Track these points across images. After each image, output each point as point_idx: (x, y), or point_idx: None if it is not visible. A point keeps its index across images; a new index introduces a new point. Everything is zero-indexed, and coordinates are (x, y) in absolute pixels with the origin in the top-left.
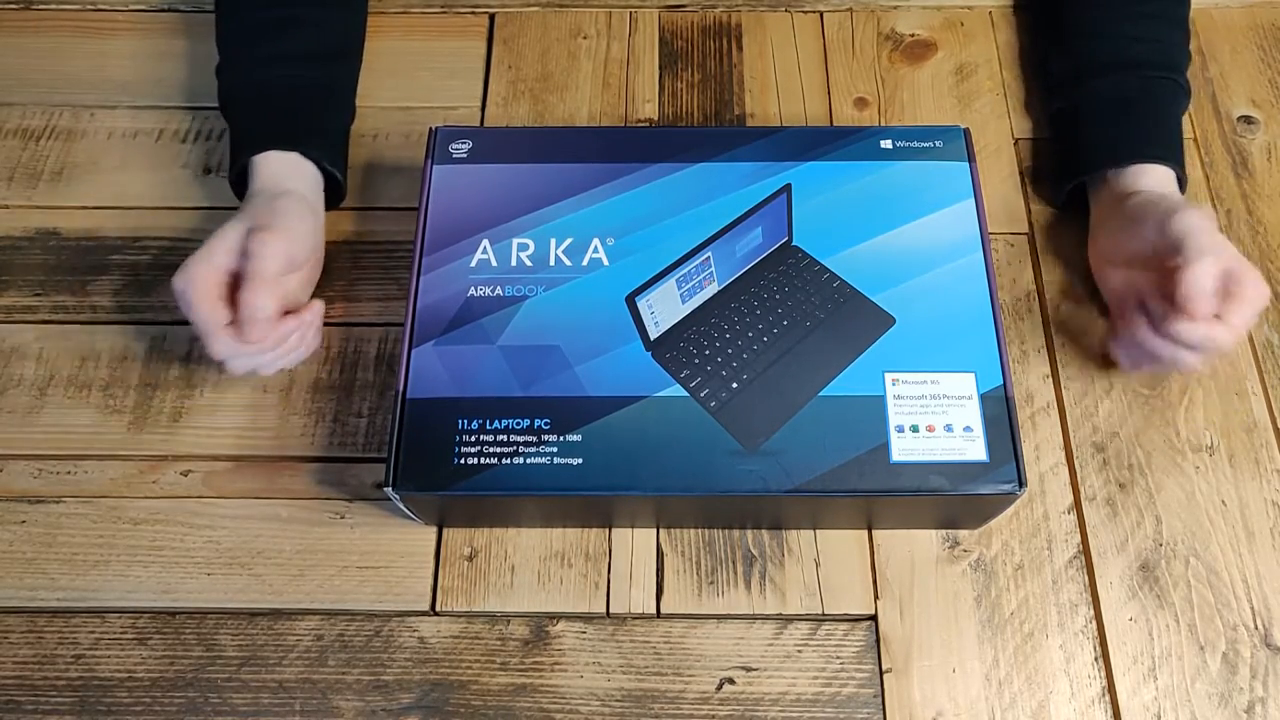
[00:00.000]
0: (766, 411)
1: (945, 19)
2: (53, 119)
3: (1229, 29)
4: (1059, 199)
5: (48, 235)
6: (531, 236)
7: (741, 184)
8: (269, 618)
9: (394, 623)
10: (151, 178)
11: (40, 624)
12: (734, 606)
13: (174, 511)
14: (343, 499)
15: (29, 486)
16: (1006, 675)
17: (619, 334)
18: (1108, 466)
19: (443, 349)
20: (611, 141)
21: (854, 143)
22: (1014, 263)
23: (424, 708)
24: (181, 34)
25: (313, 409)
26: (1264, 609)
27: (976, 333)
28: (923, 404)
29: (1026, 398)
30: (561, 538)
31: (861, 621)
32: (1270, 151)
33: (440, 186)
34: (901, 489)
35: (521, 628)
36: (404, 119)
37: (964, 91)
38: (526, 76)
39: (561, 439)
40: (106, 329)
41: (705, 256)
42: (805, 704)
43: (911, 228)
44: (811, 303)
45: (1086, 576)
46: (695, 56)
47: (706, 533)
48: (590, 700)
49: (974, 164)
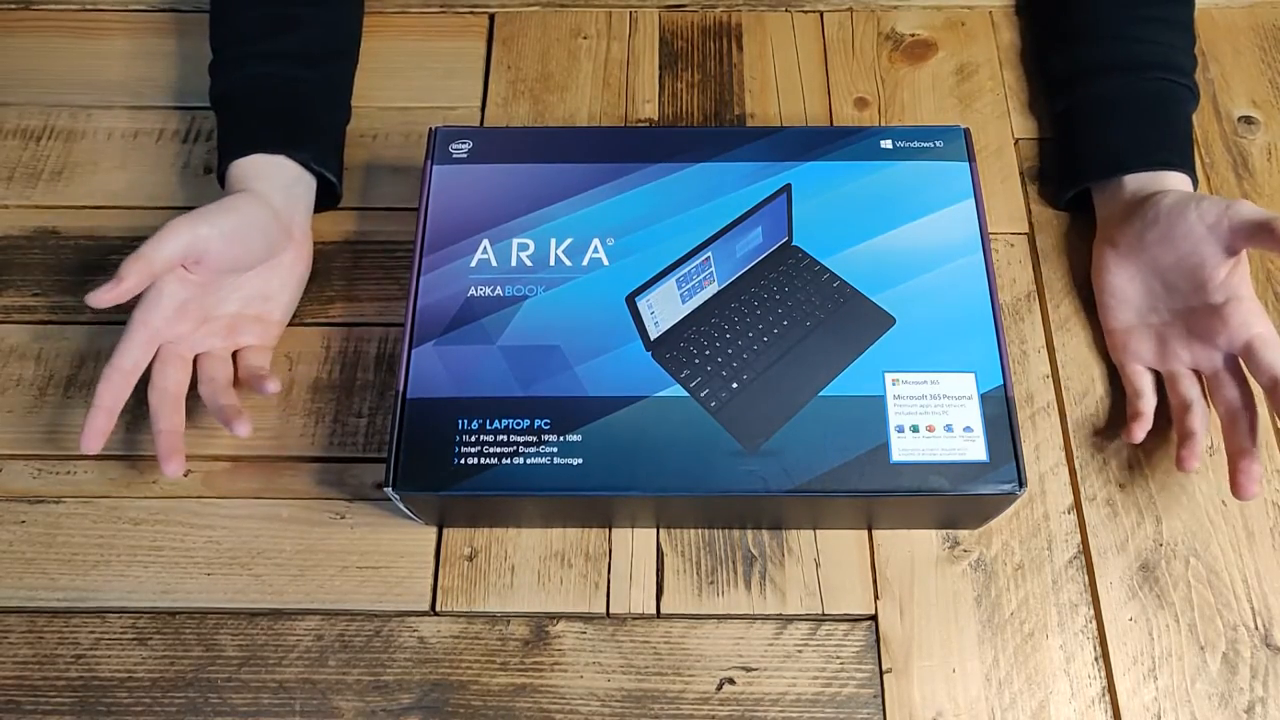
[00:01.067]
0: (766, 412)
1: (946, 19)
2: (51, 119)
3: (1229, 29)
4: (1061, 201)
5: (47, 235)
6: (531, 236)
7: (741, 184)
8: (269, 618)
9: (394, 623)
10: (151, 178)
11: (40, 624)
12: (734, 606)
13: (174, 511)
14: (343, 499)
15: (29, 486)
16: (1006, 675)
17: (619, 334)
18: (1108, 466)
19: (443, 349)
20: (612, 141)
21: (854, 143)
22: (1014, 263)
23: (424, 708)
24: (181, 34)
25: (313, 409)
26: (1264, 609)
27: (976, 333)
28: (923, 404)
29: (1026, 398)
30: (561, 538)
31: (861, 621)
32: (1270, 152)
33: (440, 186)
34: (901, 489)
35: (521, 628)
36: (403, 119)
37: (964, 91)
38: (526, 76)
39: (561, 439)
40: (106, 329)
41: (705, 256)
42: (805, 704)
43: (911, 228)
44: (811, 303)
45: (1086, 576)
46: (695, 56)
47: (706, 533)
48: (590, 700)
49: (974, 164)
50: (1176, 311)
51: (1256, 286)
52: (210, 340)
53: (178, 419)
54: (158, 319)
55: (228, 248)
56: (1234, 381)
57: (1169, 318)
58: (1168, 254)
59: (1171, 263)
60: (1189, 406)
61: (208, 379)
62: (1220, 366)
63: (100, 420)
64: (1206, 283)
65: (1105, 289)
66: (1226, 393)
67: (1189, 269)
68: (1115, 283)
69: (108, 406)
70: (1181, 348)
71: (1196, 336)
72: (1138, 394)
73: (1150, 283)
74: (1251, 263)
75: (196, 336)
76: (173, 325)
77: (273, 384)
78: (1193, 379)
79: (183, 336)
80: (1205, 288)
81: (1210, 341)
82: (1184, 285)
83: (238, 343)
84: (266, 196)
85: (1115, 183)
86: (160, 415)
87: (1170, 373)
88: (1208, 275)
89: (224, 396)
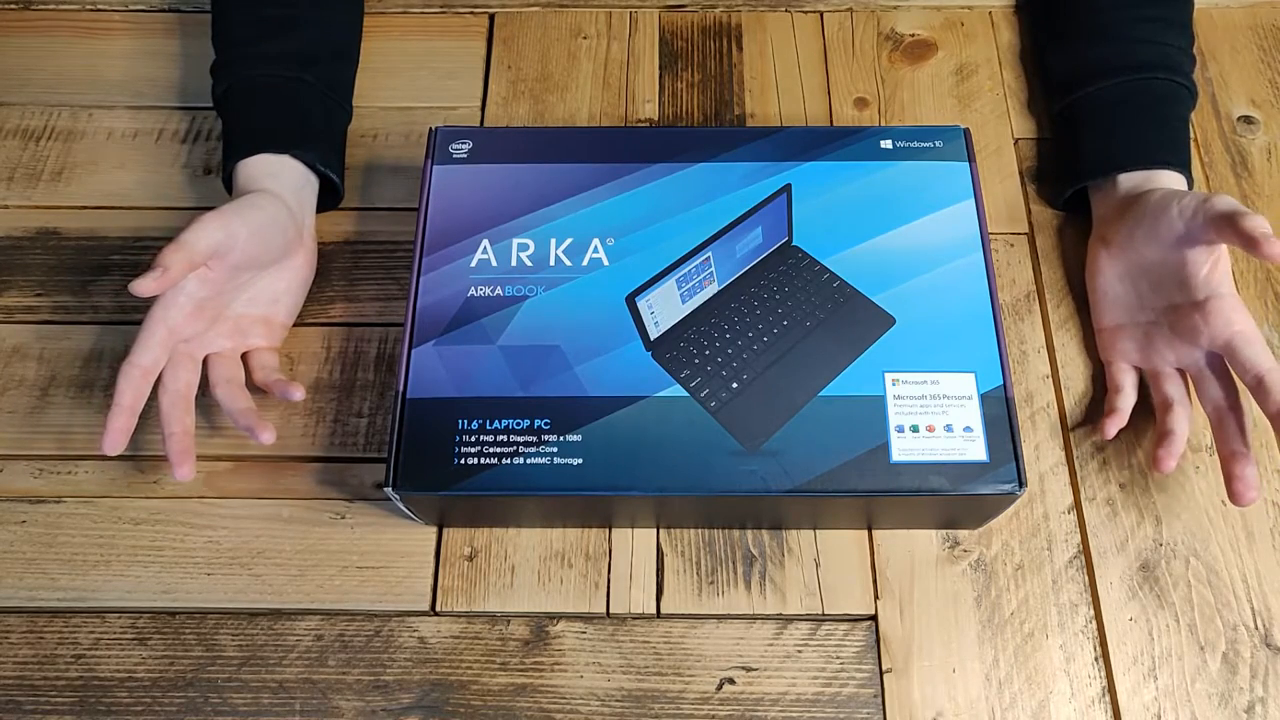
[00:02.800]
0: (766, 412)
1: (945, 19)
2: (52, 119)
3: (1229, 29)
4: (1060, 201)
5: (48, 235)
6: (531, 236)
7: (741, 184)
8: (269, 618)
9: (394, 623)
10: (151, 178)
11: (40, 624)
12: (734, 606)
13: (174, 511)
14: (343, 499)
15: (29, 486)
16: (1006, 675)
17: (619, 334)
18: (1108, 466)
19: (443, 349)
20: (611, 141)
21: (854, 143)
22: (1014, 263)
23: (424, 708)
24: (181, 34)
25: (313, 409)
26: (1264, 609)
27: (976, 333)
28: (923, 404)
29: (1026, 398)
30: (561, 538)
31: (861, 621)
32: (1270, 151)
33: (440, 186)
34: (901, 489)
35: (521, 628)
36: (403, 119)
37: (964, 91)
38: (526, 76)
39: (561, 439)
40: (107, 329)
41: (705, 256)
42: (805, 704)
43: (911, 228)
44: (811, 303)
45: (1086, 576)
46: (695, 56)
47: (706, 533)
48: (590, 700)
49: (974, 164)
50: (1161, 310)
51: (1256, 286)
52: (220, 341)
53: (189, 420)
54: (176, 317)
55: (252, 244)
56: (1218, 380)
57: (1154, 316)
58: (1153, 251)
59: (1157, 259)
60: (1170, 405)
61: (223, 380)
62: (1203, 365)
63: (121, 419)
64: (1189, 279)
65: (1096, 288)
66: (1211, 391)
67: (1172, 266)
68: (1105, 281)
69: (128, 405)
70: (1165, 346)
71: (1179, 335)
72: (1117, 390)
73: (1138, 281)
74: (1251, 263)
75: (207, 337)
76: (189, 324)
77: (297, 390)
78: (1176, 378)
79: (195, 336)
80: (1188, 285)
81: (1193, 340)
82: (1168, 283)
83: (246, 344)
84: (281, 196)
85: (1111, 182)
86: (172, 417)
87: (1154, 371)
88: (1189, 272)
89: (242, 399)
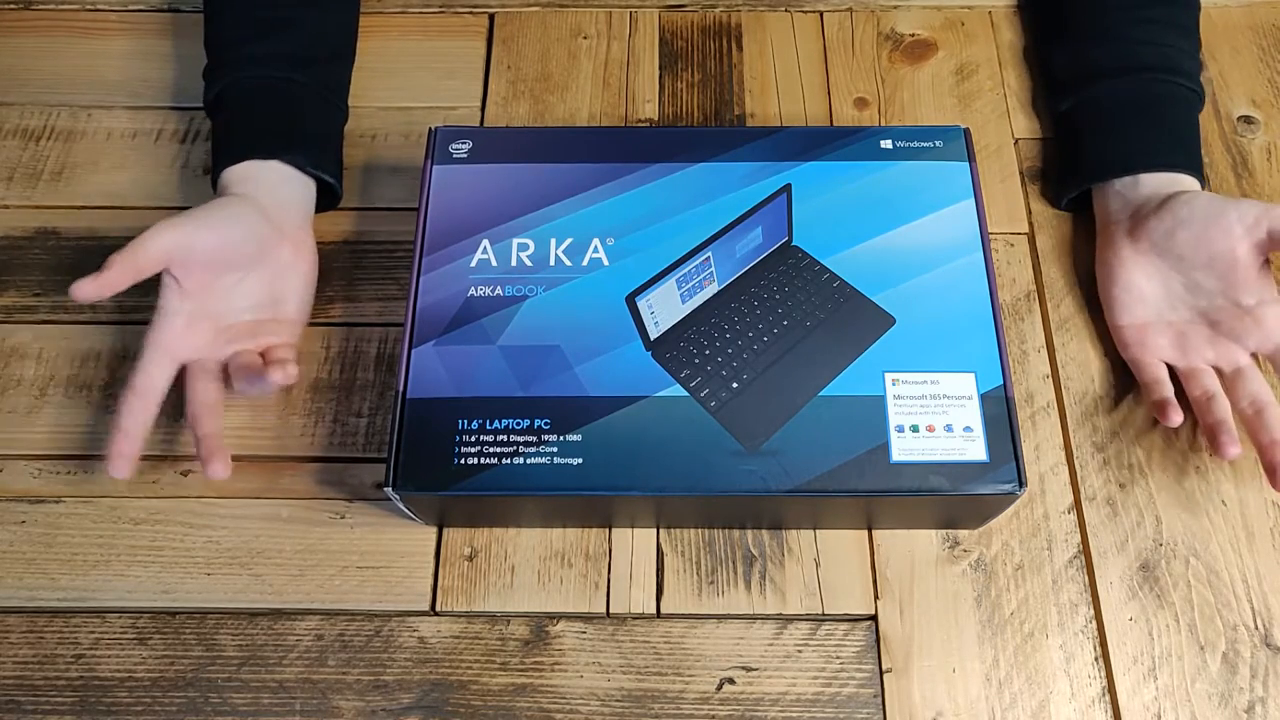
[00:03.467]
0: (766, 411)
1: (945, 19)
2: (51, 119)
3: (1229, 29)
4: (1062, 202)
5: (47, 235)
6: (531, 236)
7: (741, 184)
8: (269, 618)
9: (394, 623)
10: (151, 178)
11: (40, 624)
12: (734, 606)
13: (174, 511)
14: (343, 499)
15: (29, 486)
16: (1006, 675)
17: (619, 334)
18: (1108, 466)
19: (443, 349)
20: (611, 141)
21: (854, 143)
22: (1014, 263)
23: (424, 708)
24: (181, 34)
25: (313, 409)
26: (1264, 609)
27: (976, 333)
28: (923, 404)
29: (1026, 398)
30: (561, 538)
31: (861, 621)
32: (1270, 151)
33: (440, 186)
34: (901, 489)
35: (521, 628)
36: (403, 119)
37: (964, 91)
38: (526, 76)
39: (561, 439)
40: (107, 329)
41: (705, 256)
42: (805, 704)
43: (911, 228)
44: (811, 303)
45: (1086, 576)
46: (695, 56)
47: (706, 533)
48: (590, 700)
49: (974, 164)
50: (1200, 309)
51: None
52: (234, 345)
53: (217, 424)
54: (168, 336)
55: (212, 246)
56: (1258, 378)
57: (1189, 315)
58: (1200, 253)
59: (1203, 262)
60: (1211, 397)
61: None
62: (1242, 365)
63: (122, 444)
64: (1241, 285)
65: (1118, 285)
66: (1252, 387)
67: (1222, 269)
68: (1130, 279)
69: (127, 429)
70: (1205, 345)
71: (1223, 335)
72: (1156, 381)
73: (1170, 281)
74: None
75: (217, 347)
76: (186, 340)
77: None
78: (1211, 373)
79: (203, 351)
80: (1240, 289)
81: (1239, 341)
82: (1211, 285)
83: (262, 344)
84: (254, 198)
85: (1123, 183)
86: (199, 422)
87: (1190, 368)
88: (1242, 277)
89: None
